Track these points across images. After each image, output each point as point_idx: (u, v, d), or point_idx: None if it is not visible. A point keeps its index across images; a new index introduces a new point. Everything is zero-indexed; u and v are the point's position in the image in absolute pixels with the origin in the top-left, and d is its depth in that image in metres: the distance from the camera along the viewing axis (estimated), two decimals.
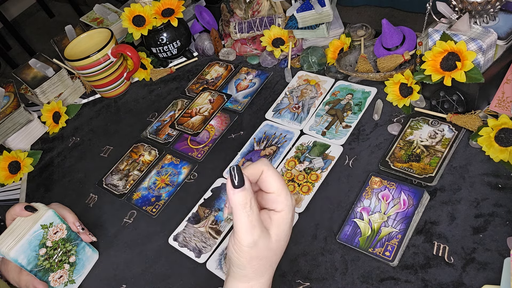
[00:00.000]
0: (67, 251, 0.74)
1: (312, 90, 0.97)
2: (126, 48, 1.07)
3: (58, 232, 0.72)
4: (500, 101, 0.76)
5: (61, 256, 0.73)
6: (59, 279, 0.74)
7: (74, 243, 0.75)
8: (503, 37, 0.75)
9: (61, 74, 1.16)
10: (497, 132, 0.71)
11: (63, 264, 0.74)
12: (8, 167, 1.04)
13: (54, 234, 0.71)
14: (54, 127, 1.14)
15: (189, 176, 0.91)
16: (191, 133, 0.99)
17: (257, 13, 1.12)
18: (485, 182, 0.71)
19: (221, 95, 1.04)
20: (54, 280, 0.73)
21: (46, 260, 0.71)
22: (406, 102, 0.84)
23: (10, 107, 1.09)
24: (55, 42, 1.26)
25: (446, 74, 0.75)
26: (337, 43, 0.98)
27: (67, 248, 0.74)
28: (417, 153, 0.78)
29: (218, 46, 1.15)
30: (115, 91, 1.16)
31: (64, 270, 0.74)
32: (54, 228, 0.71)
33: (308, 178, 0.82)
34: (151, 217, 0.86)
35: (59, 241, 0.73)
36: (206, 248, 0.78)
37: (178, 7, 1.11)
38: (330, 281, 0.68)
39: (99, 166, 1.00)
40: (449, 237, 0.67)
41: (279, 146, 0.89)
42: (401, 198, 0.72)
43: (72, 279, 0.76)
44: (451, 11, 0.79)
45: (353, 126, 0.87)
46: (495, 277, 0.61)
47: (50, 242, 0.71)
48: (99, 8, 1.33)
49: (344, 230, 0.72)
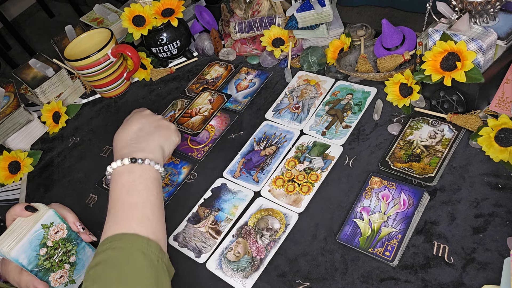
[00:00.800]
0: (67, 251, 0.74)
1: (312, 90, 0.97)
2: (126, 48, 1.07)
3: (58, 232, 0.72)
4: (500, 101, 0.76)
5: (62, 256, 0.73)
6: (59, 279, 0.73)
7: (74, 243, 0.75)
8: (503, 37, 0.75)
9: (61, 74, 1.16)
10: (497, 132, 0.71)
11: (63, 264, 0.74)
12: (8, 167, 1.04)
13: (55, 234, 0.71)
14: (54, 127, 1.14)
15: (189, 176, 0.91)
16: (191, 133, 0.99)
17: (257, 13, 1.12)
18: (485, 182, 0.71)
19: (221, 95, 1.04)
20: (55, 280, 0.73)
21: (47, 260, 0.71)
22: (406, 102, 0.84)
23: (10, 107, 1.09)
24: (55, 42, 1.26)
25: (446, 74, 0.75)
26: (337, 43, 0.98)
27: (67, 248, 0.74)
28: (417, 153, 0.78)
29: (218, 46, 1.15)
30: (115, 91, 1.16)
31: (64, 270, 0.74)
32: (55, 228, 0.71)
33: (308, 178, 0.82)
34: None
35: (59, 241, 0.72)
36: (206, 248, 0.78)
37: (178, 7, 1.11)
38: (330, 281, 0.68)
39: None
40: (449, 237, 0.67)
41: (279, 146, 0.89)
42: (401, 198, 0.72)
43: (73, 279, 0.76)
44: (451, 11, 0.79)
45: (353, 126, 0.87)
46: (495, 277, 0.61)
47: (51, 242, 0.71)
48: (99, 8, 1.33)
49: (344, 230, 0.72)
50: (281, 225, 0.77)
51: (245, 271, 0.73)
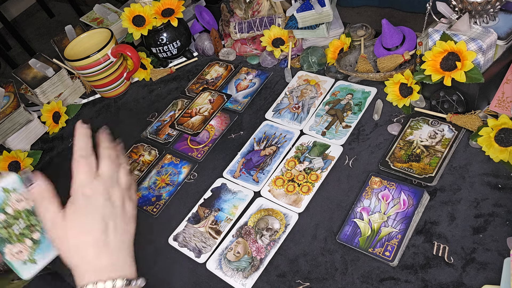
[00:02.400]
0: (31, 225, 0.64)
1: (312, 90, 0.97)
2: (126, 48, 1.07)
3: (22, 201, 0.63)
4: (500, 101, 0.76)
5: (23, 230, 0.64)
6: (16, 253, 0.63)
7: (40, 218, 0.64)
8: (503, 37, 0.75)
9: (61, 74, 1.16)
10: (497, 132, 0.71)
11: (24, 238, 0.64)
12: (8, 167, 1.04)
13: (17, 202, 0.62)
14: (54, 127, 1.14)
15: (189, 176, 0.91)
16: (191, 133, 0.99)
17: (257, 13, 1.12)
18: (485, 182, 0.71)
19: (221, 95, 1.04)
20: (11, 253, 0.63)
21: (4, 228, 0.62)
22: (406, 102, 0.84)
23: (10, 107, 1.09)
24: (55, 42, 1.26)
25: (446, 74, 0.75)
26: (337, 43, 0.98)
27: (31, 222, 0.64)
28: (417, 153, 0.78)
29: (218, 46, 1.15)
30: (115, 91, 1.16)
31: (24, 246, 0.64)
32: (18, 196, 0.62)
33: (308, 178, 0.82)
34: (150, 217, 0.86)
35: (22, 212, 0.63)
36: (206, 248, 0.78)
37: (178, 7, 1.11)
38: (330, 281, 0.68)
39: None
40: (449, 237, 0.67)
41: (279, 146, 0.89)
42: (401, 198, 0.72)
43: (33, 259, 0.65)
44: (451, 11, 0.79)
45: (353, 126, 0.87)
46: (495, 277, 0.61)
47: (11, 210, 0.62)
48: (99, 8, 1.33)
49: (344, 230, 0.72)
50: (281, 225, 0.77)
51: (245, 271, 0.73)
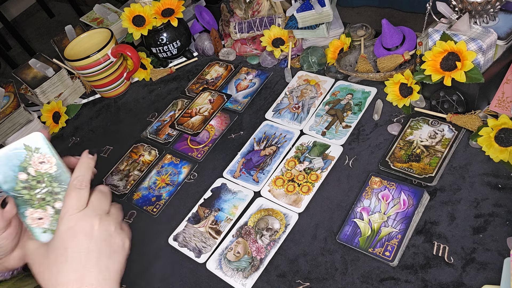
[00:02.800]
0: (53, 192, 0.59)
1: (312, 90, 0.97)
2: (126, 48, 1.07)
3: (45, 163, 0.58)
4: (500, 101, 0.76)
5: (46, 195, 0.59)
6: (38, 220, 0.59)
7: (64, 187, 0.59)
8: (503, 37, 0.75)
9: (61, 74, 1.16)
10: (497, 132, 0.71)
11: (45, 204, 0.59)
12: None
13: (40, 163, 0.57)
14: (54, 127, 1.14)
15: (189, 176, 0.91)
16: (191, 133, 0.99)
17: (257, 13, 1.12)
18: (485, 182, 0.71)
19: (221, 95, 1.04)
20: (32, 218, 0.58)
21: (26, 189, 0.58)
22: (406, 102, 0.84)
23: (10, 107, 1.09)
24: (55, 42, 1.26)
25: (446, 74, 0.75)
26: (337, 43, 0.98)
27: (54, 189, 0.59)
28: (417, 153, 0.78)
29: (218, 46, 1.15)
30: (115, 91, 1.16)
31: (46, 213, 0.59)
32: (41, 157, 0.57)
33: (308, 178, 0.82)
34: (150, 218, 0.86)
35: (44, 175, 0.58)
36: (206, 248, 0.78)
37: (178, 7, 1.11)
38: (330, 281, 0.68)
39: (99, 166, 0.98)
40: (449, 237, 0.67)
41: (279, 146, 0.89)
42: (401, 198, 0.72)
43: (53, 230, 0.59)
44: (451, 11, 0.79)
45: (353, 126, 0.87)
46: (495, 277, 0.61)
47: (34, 171, 0.57)
48: (99, 8, 1.33)
49: (344, 230, 0.72)
50: (281, 225, 0.77)
51: (245, 271, 0.73)
